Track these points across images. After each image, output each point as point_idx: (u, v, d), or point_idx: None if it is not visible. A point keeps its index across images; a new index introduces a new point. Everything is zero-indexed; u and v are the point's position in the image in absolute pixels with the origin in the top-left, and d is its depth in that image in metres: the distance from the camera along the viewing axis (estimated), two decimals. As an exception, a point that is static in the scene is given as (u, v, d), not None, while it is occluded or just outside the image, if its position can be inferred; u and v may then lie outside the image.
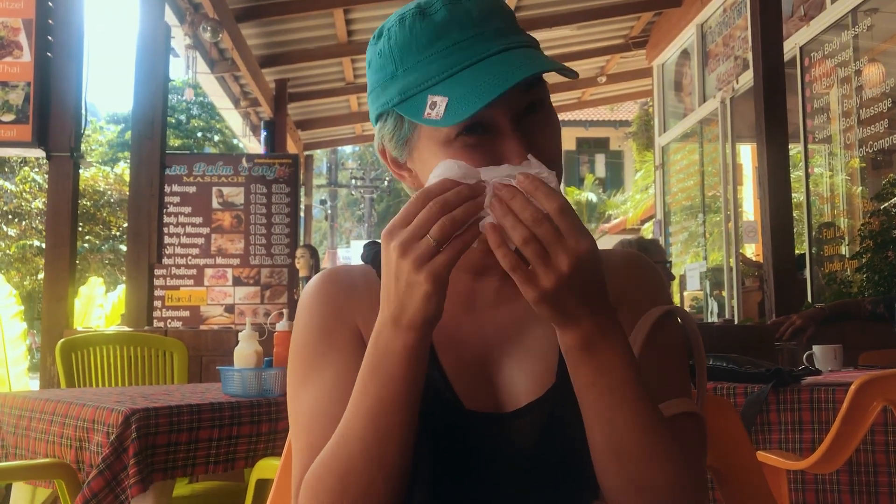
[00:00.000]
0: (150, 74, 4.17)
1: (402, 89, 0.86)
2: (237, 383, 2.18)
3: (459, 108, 0.80)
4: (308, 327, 0.96)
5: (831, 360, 2.62)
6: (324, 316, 0.95)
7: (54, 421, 2.03)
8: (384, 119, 0.91)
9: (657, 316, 0.94)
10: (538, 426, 0.90)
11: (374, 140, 0.96)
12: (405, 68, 0.86)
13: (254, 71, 7.45)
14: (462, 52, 0.84)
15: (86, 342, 3.23)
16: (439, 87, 0.83)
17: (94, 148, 24.56)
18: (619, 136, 20.62)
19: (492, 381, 0.93)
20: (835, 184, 5.91)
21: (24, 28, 3.78)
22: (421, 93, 0.85)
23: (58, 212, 3.83)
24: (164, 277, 6.84)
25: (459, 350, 0.94)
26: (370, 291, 0.96)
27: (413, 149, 0.91)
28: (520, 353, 0.94)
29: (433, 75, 0.84)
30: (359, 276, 0.99)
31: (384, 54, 0.89)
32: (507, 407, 0.92)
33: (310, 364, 0.94)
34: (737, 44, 7.09)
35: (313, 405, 0.91)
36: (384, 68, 0.89)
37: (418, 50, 0.86)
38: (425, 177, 0.88)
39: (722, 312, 7.40)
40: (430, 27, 0.86)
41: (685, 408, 0.90)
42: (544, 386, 0.92)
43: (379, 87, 0.90)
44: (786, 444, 2.14)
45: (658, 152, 9.09)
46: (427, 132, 0.87)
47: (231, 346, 3.57)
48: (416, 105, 0.85)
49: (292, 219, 7.20)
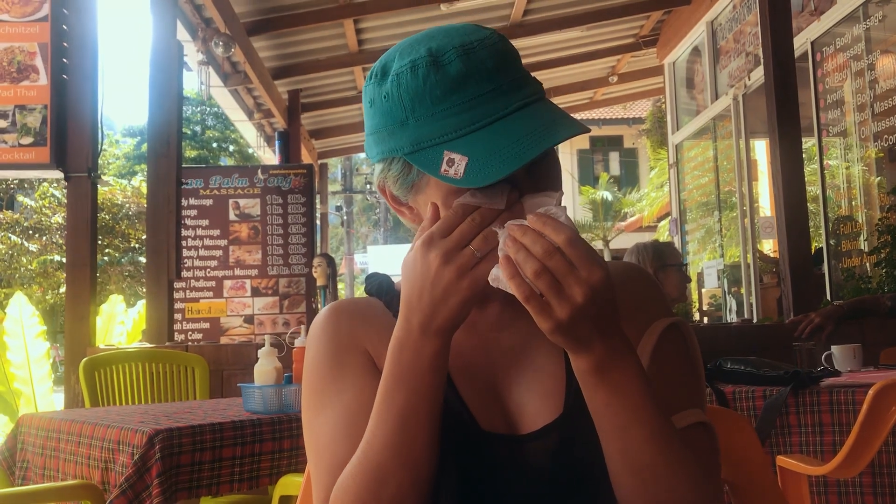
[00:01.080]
0: (164, 92, 4.21)
1: (414, 140, 0.86)
2: (258, 400, 2.21)
3: (481, 171, 0.81)
4: (318, 357, 0.97)
5: (850, 359, 2.61)
6: (334, 345, 0.97)
7: (81, 442, 2.06)
8: (389, 162, 0.91)
9: (662, 328, 0.95)
10: (553, 447, 0.91)
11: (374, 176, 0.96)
12: (417, 118, 0.86)
13: (266, 83, 7.50)
14: (480, 109, 0.84)
15: (108, 360, 3.28)
16: (457, 144, 0.83)
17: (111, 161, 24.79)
18: (633, 133, 20.53)
19: (504, 404, 0.94)
20: (851, 177, 5.87)
21: (41, 52, 3.83)
22: (436, 146, 0.85)
23: (77, 231, 3.88)
24: (184, 290, 6.89)
25: (470, 373, 0.95)
26: (378, 321, 0.98)
27: (419, 192, 0.91)
28: (528, 375, 0.95)
29: (449, 131, 0.84)
30: (365, 307, 1.00)
31: (392, 98, 0.87)
32: (520, 429, 0.93)
33: (324, 392, 0.95)
34: (747, 40, 7.06)
35: (333, 428, 0.92)
36: (392, 113, 0.88)
37: (432, 102, 0.85)
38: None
39: (740, 310, 7.36)
40: (444, 80, 0.85)
41: (696, 418, 0.91)
42: (556, 407, 0.93)
43: (385, 130, 0.89)
44: (806, 447, 2.13)
45: (672, 150, 9.07)
46: (436, 182, 0.88)
47: (251, 360, 3.62)
48: (431, 158, 0.84)
49: (308, 228, 7.23)
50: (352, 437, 0.90)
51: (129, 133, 30.65)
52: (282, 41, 7.34)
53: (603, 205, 18.84)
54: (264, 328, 7.00)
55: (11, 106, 3.81)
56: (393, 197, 0.95)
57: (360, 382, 0.94)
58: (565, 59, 8.95)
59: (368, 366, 0.95)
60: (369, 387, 0.92)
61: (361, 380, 0.94)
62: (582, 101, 11.07)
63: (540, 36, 8.00)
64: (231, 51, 6.18)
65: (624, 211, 19.00)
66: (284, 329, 6.94)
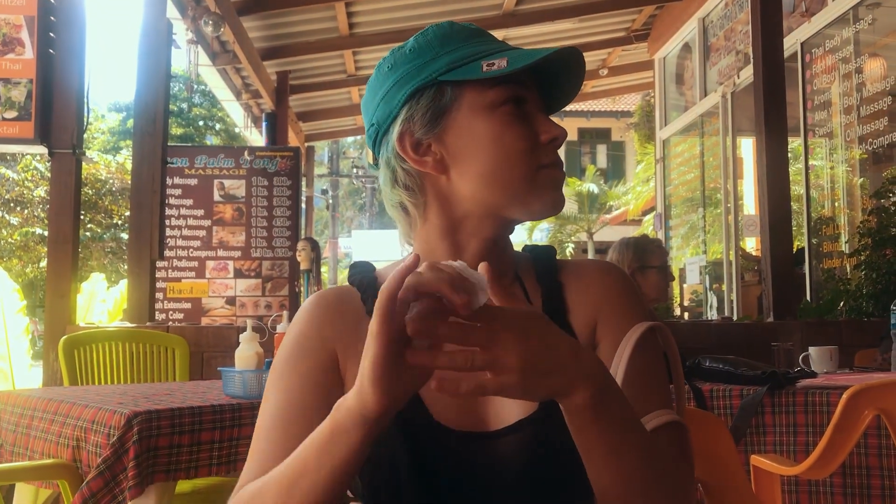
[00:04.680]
0: (152, 70, 4.17)
1: (449, 62, 0.92)
2: (238, 385, 2.20)
3: (523, 59, 0.89)
4: (286, 342, 0.98)
5: (827, 361, 2.64)
6: (303, 334, 0.97)
7: (55, 420, 2.05)
8: (418, 97, 0.93)
9: (640, 333, 0.95)
10: (526, 443, 0.91)
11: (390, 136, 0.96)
12: (448, 51, 0.93)
13: (255, 63, 7.45)
14: (501, 44, 0.95)
15: (88, 339, 3.26)
16: (494, 56, 0.91)
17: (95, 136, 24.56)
18: (621, 126, 20.58)
19: (476, 401, 0.94)
20: (835, 179, 5.92)
21: (27, 25, 3.79)
22: (473, 62, 0.91)
23: (60, 208, 3.85)
24: (166, 269, 6.86)
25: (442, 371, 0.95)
26: (351, 314, 0.98)
27: (450, 120, 0.93)
28: None
29: (483, 51, 0.93)
30: (345, 299, 1.01)
31: (419, 45, 0.95)
32: (492, 425, 0.93)
33: (281, 374, 0.96)
34: (738, 38, 7.09)
35: (273, 416, 0.93)
36: (420, 54, 0.94)
37: (460, 40, 0.94)
38: (455, 151, 0.93)
39: (721, 307, 7.42)
40: (468, 29, 0.96)
41: (669, 418, 0.92)
42: (527, 405, 0.92)
43: (413, 70, 0.93)
44: (780, 447, 2.16)
45: (659, 145, 9.10)
46: (471, 99, 0.92)
47: (232, 342, 3.62)
48: (471, 69, 0.91)
49: (293, 211, 7.21)
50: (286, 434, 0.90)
51: (114, 108, 30.37)
52: (272, 22, 7.29)
53: (589, 197, 18.87)
54: (246, 310, 6.99)
55: (-4, 79, 3.77)
56: (414, 145, 0.94)
57: (313, 379, 0.94)
58: (556, 51, 8.93)
59: (328, 365, 0.95)
60: (321, 386, 0.93)
61: (315, 377, 0.94)
62: (571, 93, 11.06)
63: (532, 26, 7.99)
64: (220, 30, 6.14)
65: (609, 204, 19.03)
66: (266, 311, 6.93)
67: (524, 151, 0.93)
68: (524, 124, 0.93)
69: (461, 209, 0.95)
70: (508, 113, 0.92)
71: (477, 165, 0.93)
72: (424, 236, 0.99)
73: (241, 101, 8.99)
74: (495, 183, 0.93)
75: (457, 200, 0.95)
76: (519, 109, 0.93)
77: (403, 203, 0.98)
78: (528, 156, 0.93)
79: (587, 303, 0.99)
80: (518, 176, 0.93)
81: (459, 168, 0.94)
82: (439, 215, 0.96)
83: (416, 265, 0.71)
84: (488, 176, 0.93)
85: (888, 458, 2.02)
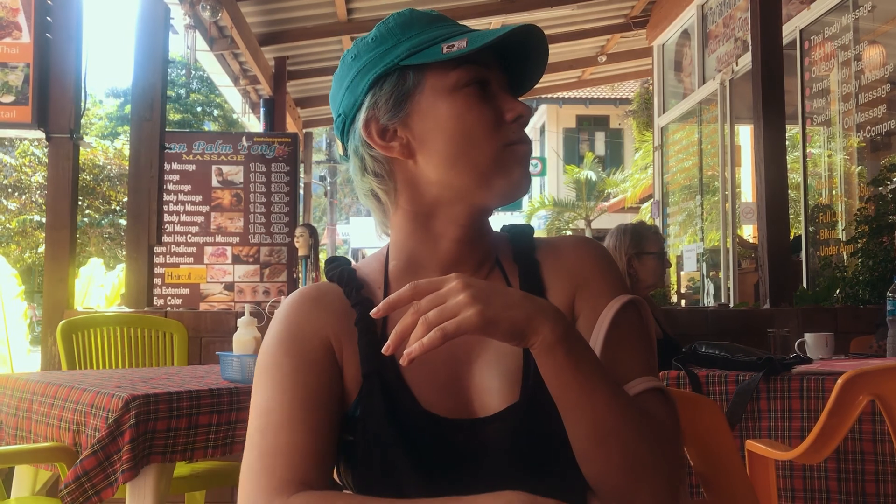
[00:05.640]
0: (149, 55, 4.16)
1: (410, 46, 0.93)
2: (236, 369, 2.21)
3: (483, 38, 0.90)
4: (274, 339, 0.96)
5: (822, 347, 2.65)
6: (295, 326, 0.96)
7: (55, 404, 2.06)
8: (380, 84, 0.94)
9: (619, 305, 0.96)
10: (512, 429, 0.92)
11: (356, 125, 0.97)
12: (409, 36, 0.94)
13: (253, 49, 7.42)
14: (462, 27, 0.96)
15: (86, 323, 3.27)
16: (454, 39, 0.92)
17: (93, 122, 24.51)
18: (619, 114, 20.54)
19: (463, 387, 0.95)
20: (833, 166, 5.92)
21: (24, 8, 3.77)
22: (434, 45, 0.92)
23: (58, 193, 3.85)
24: (165, 255, 6.86)
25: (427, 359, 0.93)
26: (336, 307, 0.98)
27: (414, 104, 0.94)
28: (487, 356, 0.96)
29: (443, 34, 0.93)
30: (326, 293, 1.00)
31: (380, 34, 0.96)
32: (479, 412, 0.93)
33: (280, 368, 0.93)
34: (737, 25, 7.07)
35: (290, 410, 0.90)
36: (381, 42, 0.95)
37: (420, 25, 0.95)
38: (420, 134, 0.93)
39: (718, 294, 7.43)
40: (428, 14, 0.97)
41: (652, 384, 0.92)
42: (515, 388, 0.93)
43: (375, 57, 0.95)
44: (775, 433, 2.17)
45: (657, 133, 9.09)
46: (433, 82, 0.93)
47: (230, 327, 3.63)
48: (432, 52, 0.92)
49: (291, 197, 7.21)
50: (305, 426, 0.89)
51: (112, 94, 30.28)
52: (270, 7, 7.25)
53: (587, 184, 18.87)
54: (244, 296, 6.99)
55: (-7, 63, 3.75)
56: (380, 131, 0.95)
57: (318, 368, 0.93)
58: (555, 37, 8.90)
59: (327, 353, 0.95)
60: (326, 379, 0.93)
61: (320, 369, 0.93)
62: (570, 80, 11.04)
63: (531, 13, 7.95)
64: (218, 15, 6.11)
65: (607, 191, 19.04)
66: (264, 297, 6.93)
67: (488, 130, 0.93)
68: (487, 104, 0.93)
69: (430, 193, 0.96)
70: (471, 94, 0.93)
71: (442, 147, 0.93)
72: (398, 223, 0.99)
73: (238, 86, 8.96)
74: (460, 164, 0.93)
75: (425, 184, 0.96)
76: (482, 90, 0.93)
77: (374, 191, 0.99)
78: (493, 134, 0.93)
79: (564, 278, 1.00)
80: (483, 155, 0.93)
81: (425, 151, 0.94)
82: (410, 201, 0.97)
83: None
84: (453, 157, 0.93)
85: (882, 443, 2.04)
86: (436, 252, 0.97)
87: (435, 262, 0.98)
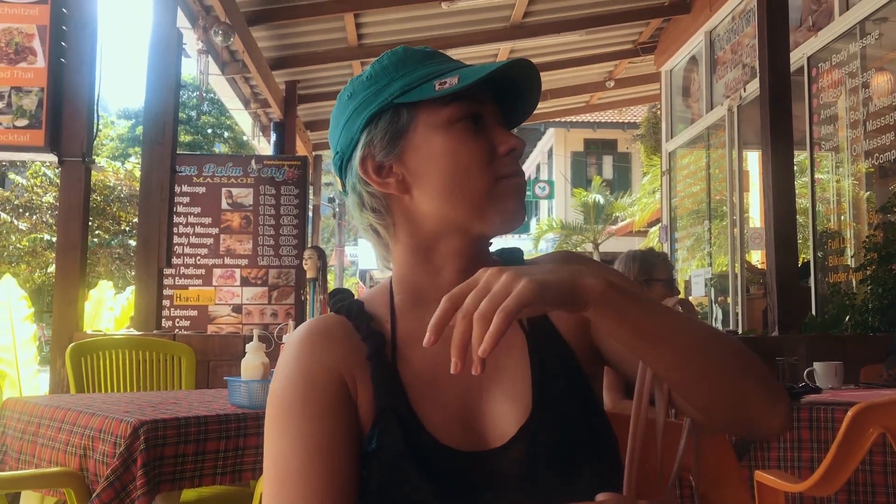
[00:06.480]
0: (161, 80, 4.21)
1: (403, 85, 0.94)
2: (244, 395, 2.21)
3: (474, 74, 0.90)
4: (293, 376, 0.93)
5: (832, 377, 2.64)
6: (306, 368, 0.94)
7: (62, 428, 2.06)
8: (375, 122, 0.96)
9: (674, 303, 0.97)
10: (529, 449, 0.91)
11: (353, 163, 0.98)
12: (402, 74, 0.95)
13: (264, 73, 7.49)
14: (454, 63, 0.97)
15: (95, 346, 3.28)
16: (446, 76, 0.93)
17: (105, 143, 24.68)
18: (627, 137, 20.59)
19: (475, 418, 0.94)
20: (841, 192, 5.92)
21: (39, 34, 3.83)
22: (426, 83, 0.93)
23: (69, 216, 3.88)
24: (174, 277, 6.88)
25: (439, 392, 0.95)
26: (348, 342, 0.96)
27: (408, 141, 0.95)
28: (497, 382, 0.96)
29: (435, 71, 0.94)
30: (335, 328, 0.98)
31: (375, 73, 0.97)
32: (493, 442, 0.93)
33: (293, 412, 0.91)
34: (745, 51, 7.10)
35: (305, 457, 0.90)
36: (375, 81, 0.97)
37: (413, 63, 0.96)
38: (415, 170, 0.94)
39: (726, 320, 7.40)
40: (421, 52, 0.98)
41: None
42: (524, 410, 0.93)
43: (370, 96, 0.96)
44: (785, 463, 2.16)
45: (665, 157, 9.10)
46: (426, 119, 0.94)
47: (238, 351, 3.64)
48: (424, 90, 0.93)
49: (300, 220, 7.24)
50: (328, 471, 0.89)
51: (124, 115, 30.52)
52: (281, 32, 7.33)
53: (595, 208, 18.88)
54: (252, 318, 7.00)
55: (7, 87, 3.80)
56: (377, 168, 0.96)
57: (335, 412, 0.92)
58: (563, 63, 8.97)
59: (342, 391, 0.93)
60: (344, 419, 0.92)
61: (337, 410, 0.92)
62: (578, 105, 11.09)
63: (539, 38, 8.01)
64: (230, 40, 6.17)
65: (615, 215, 19.04)
66: (273, 320, 6.94)
67: (481, 164, 0.94)
68: (480, 138, 0.94)
69: (428, 227, 0.97)
70: (464, 129, 0.94)
71: (436, 182, 0.94)
72: (399, 257, 1.00)
73: (249, 109, 9.03)
74: (455, 198, 0.94)
75: (422, 219, 0.97)
76: (475, 124, 0.94)
77: (374, 226, 1.00)
78: (486, 168, 0.94)
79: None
80: (477, 189, 0.94)
81: (420, 186, 0.95)
82: (408, 234, 0.98)
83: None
84: (447, 192, 0.94)
85: (893, 475, 2.02)
86: (439, 283, 0.97)
87: (439, 294, 0.97)
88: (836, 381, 2.64)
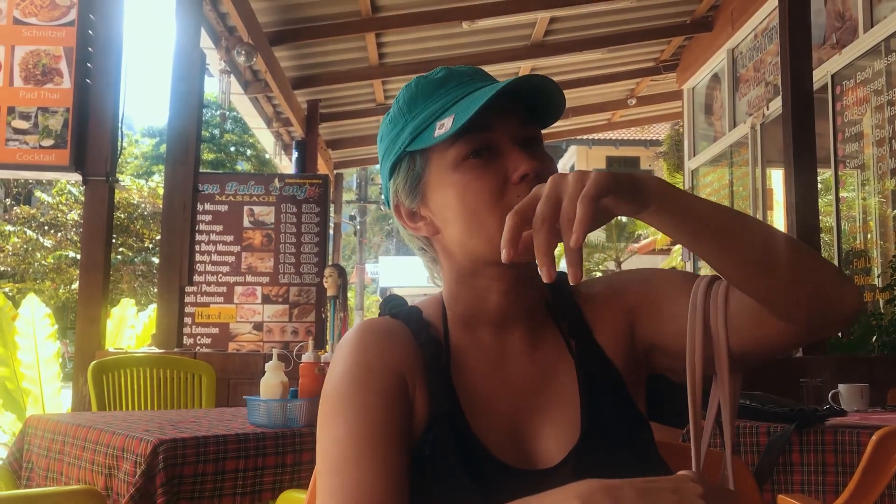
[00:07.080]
0: (185, 99, 4.26)
1: (412, 130, 0.96)
2: (263, 414, 2.22)
3: (471, 107, 0.90)
4: (344, 373, 0.94)
5: (857, 399, 2.60)
6: (364, 362, 0.94)
7: (86, 447, 2.08)
8: (397, 170, 0.98)
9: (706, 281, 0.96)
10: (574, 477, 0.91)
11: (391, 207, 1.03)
12: (413, 116, 0.96)
13: (286, 92, 7.55)
14: (462, 88, 0.96)
15: (117, 364, 3.30)
16: (444, 115, 0.93)
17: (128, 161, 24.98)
18: (650, 155, 20.51)
19: (525, 438, 0.95)
20: (867, 210, 5.85)
21: (65, 56, 3.89)
22: (430, 126, 0.94)
23: (93, 235, 3.92)
24: (195, 294, 6.92)
25: (490, 408, 0.95)
26: (410, 346, 0.97)
27: (426, 186, 0.97)
28: (546, 406, 0.96)
29: (438, 109, 0.95)
30: (396, 330, 0.99)
31: (394, 117, 0.99)
32: (541, 463, 0.93)
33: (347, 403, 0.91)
34: (768, 69, 7.06)
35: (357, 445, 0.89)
36: (394, 124, 0.99)
37: (423, 99, 0.97)
38: (438, 212, 0.96)
39: (750, 339, 7.31)
40: (432, 82, 0.98)
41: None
42: (573, 436, 0.94)
43: (390, 142, 0.99)
44: (808, 487, 2.12)
45: (688, 175, 9.06)
46: (437, 162, 0.95)
47: (258, 369, 3.64)
48: (427, 135, 0.94)
49: (321, 238, 7.27)
50: (383, 460, 0.88)
51: (148, 133, 30.90)
52: (303, 52, 7.40)
53: (617, 226, 18.80)
54: (273, 336, 7.02)
55: (34, 108, 3.86)
56: (408, 213, 1.00)
57: (392, 404, 0.92)
58: (585, 81, 8.98)
59: (402, 387, 0.93)
60: (399, 413, 0.91)
61: (393, 402, 0.92)
62: (600, 122, 11.08)
63: (560, 56, 8.03)
64: (253, 60, 6.24)
65: (638, 233, 18.95)
66: (293, 337, 6.96)
67: (489, 202, 0.93)
68: (490, 172, 0.93)
69: (465, 259, 0.98)
70: (472, 166, 0.93)
71: (457, 222, 0.95)
72: (447, 279, 1.03)
73: (271, 128, 9.11)
74: (475, 236, 0.94)
75: (458, 253, 0.98)
76: (483, 157, 0.93)
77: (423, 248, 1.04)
78: (496, 204, 0.93)
79: (609, 316, 1.02)
80: (492, 225, 0.93)
81: (446, 227, 0.97)
82: (449, 266, 1.01)
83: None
84: (467, 232, 0.95)
85: (920, 500, 1.98)
86: (486, 305, 0.99)
87: (487, 318, 1.00)
88: (862, 403, 2.59)
